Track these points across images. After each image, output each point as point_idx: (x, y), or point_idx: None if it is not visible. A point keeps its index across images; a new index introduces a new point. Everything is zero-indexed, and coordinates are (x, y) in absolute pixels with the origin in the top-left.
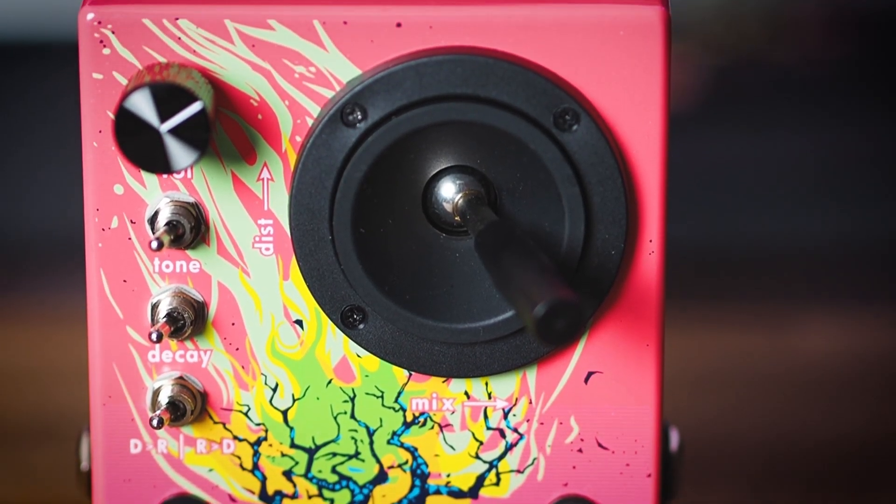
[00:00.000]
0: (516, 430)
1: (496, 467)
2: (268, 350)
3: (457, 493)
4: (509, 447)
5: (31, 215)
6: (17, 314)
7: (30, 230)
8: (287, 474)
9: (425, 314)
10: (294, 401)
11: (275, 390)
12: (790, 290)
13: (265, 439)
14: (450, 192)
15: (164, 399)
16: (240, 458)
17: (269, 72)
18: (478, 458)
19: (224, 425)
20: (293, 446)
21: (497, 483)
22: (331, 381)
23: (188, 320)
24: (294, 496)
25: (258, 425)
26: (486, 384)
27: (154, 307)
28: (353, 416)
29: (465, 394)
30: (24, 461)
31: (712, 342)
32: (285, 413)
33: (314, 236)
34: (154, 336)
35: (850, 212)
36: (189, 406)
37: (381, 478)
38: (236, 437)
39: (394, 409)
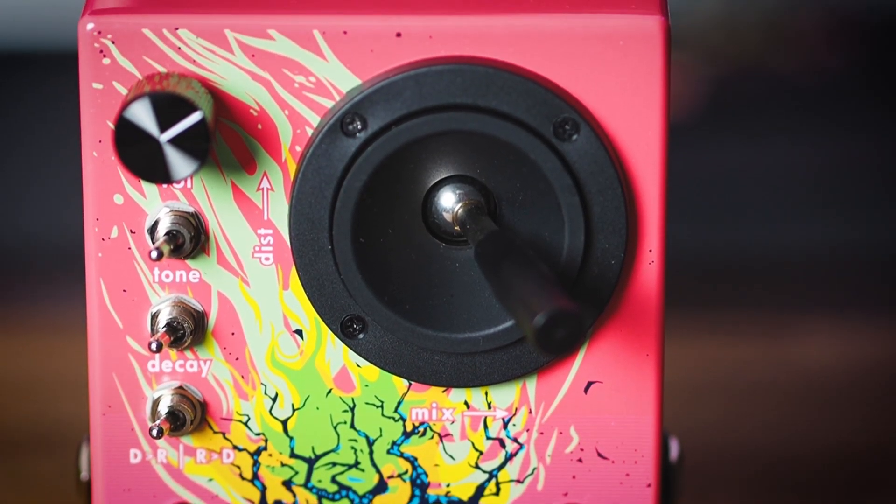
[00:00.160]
0: (516, 440)
1: (496, 477)
2: (267, 360)
3: (457, 503)
4: (509, 457)
5: (31, 225)
6: (16, 324)
7: (29, 240)
8: (287, 484)
9: (425, 324)
10: (294, 410)
11: (274, 400)
12: (790, 299)
13: (265, 449)
14: (450, 201)
15: (163, 409)
16: (239, 467)
17: (268, 81)
18: (478, 467)
19: (224, 435)
20: (293, 456)
21: (497, 493)
22: (330, 391)
23: (188, 330)
24: None
25: (258, 435)
26: (486, 394)
27: (154, 317)
28: (352, 426)
29: (465, 403)
30: (24, 471)
31: (712, 351)
32: (285, 423)
33: (314, 246)
34: (154, 346)
35: (849, 221)
36: (189, 416)
37: (381, 488)
38: (236, 447)
39: (393, 418)
